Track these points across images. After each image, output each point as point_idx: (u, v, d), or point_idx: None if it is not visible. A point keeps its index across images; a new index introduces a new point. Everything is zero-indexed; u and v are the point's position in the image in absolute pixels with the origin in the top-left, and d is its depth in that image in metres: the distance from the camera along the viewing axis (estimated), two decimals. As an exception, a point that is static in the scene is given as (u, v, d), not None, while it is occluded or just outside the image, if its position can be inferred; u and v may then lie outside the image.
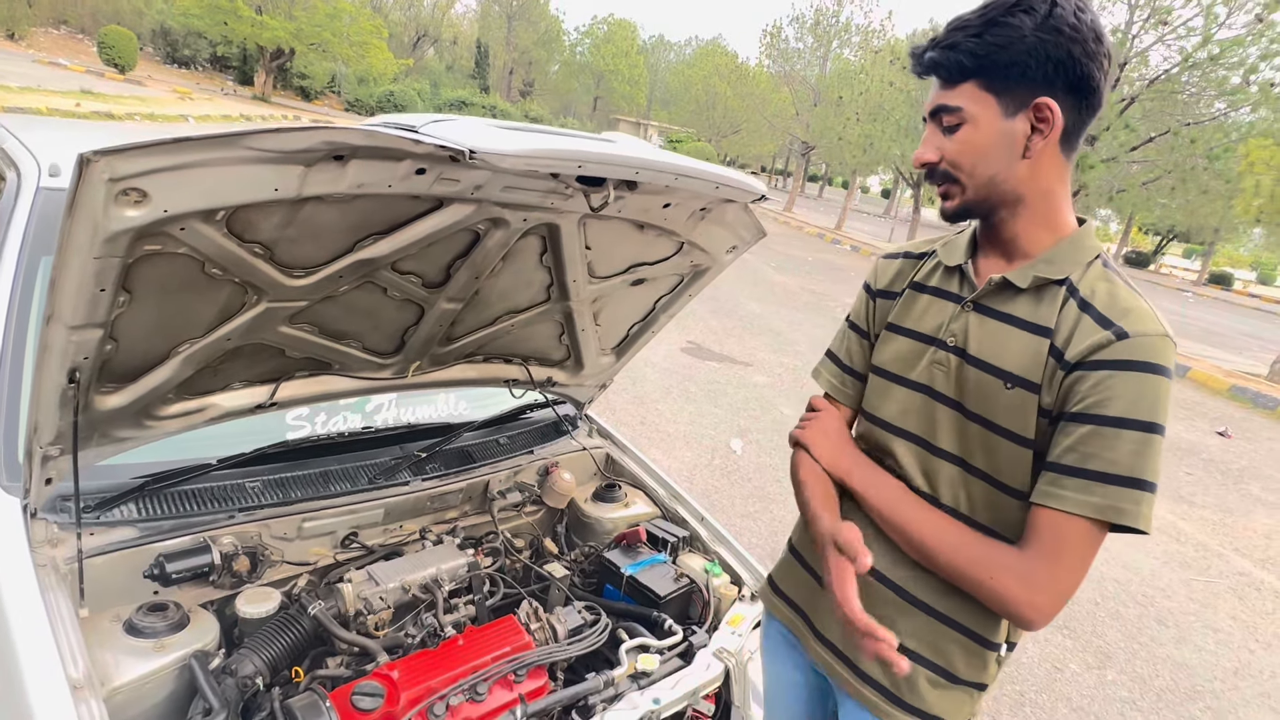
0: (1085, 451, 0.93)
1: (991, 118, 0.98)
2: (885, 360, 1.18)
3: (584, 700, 1.37)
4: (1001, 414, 1.02)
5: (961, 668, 1.09)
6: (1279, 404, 9.34)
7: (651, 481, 2.08)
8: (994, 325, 1.04)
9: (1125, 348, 0.93)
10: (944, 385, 1.08)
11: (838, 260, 16.29)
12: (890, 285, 1.22)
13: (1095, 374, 0.93)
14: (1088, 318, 0.97)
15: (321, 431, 1.81)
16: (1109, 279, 1.00)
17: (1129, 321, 0.94)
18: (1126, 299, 0.98)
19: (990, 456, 1.04)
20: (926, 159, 1.04)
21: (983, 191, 1.02)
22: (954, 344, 1.07)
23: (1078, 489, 0.94)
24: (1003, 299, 1.04)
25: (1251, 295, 34.38)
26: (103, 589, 1.27)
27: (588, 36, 51.78)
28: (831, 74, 27.54)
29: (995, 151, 0.99)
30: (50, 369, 1.08)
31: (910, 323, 1.15)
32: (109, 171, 0.88)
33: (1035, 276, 1.02)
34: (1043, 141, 0.98)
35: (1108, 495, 0.92)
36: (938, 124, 1.03)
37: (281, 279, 1.23)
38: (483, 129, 0.94)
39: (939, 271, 1.15)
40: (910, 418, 1.12)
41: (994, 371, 1.02)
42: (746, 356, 7.06)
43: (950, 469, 1.08)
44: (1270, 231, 12.71)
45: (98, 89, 17.02)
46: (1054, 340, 0.98)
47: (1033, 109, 0.97)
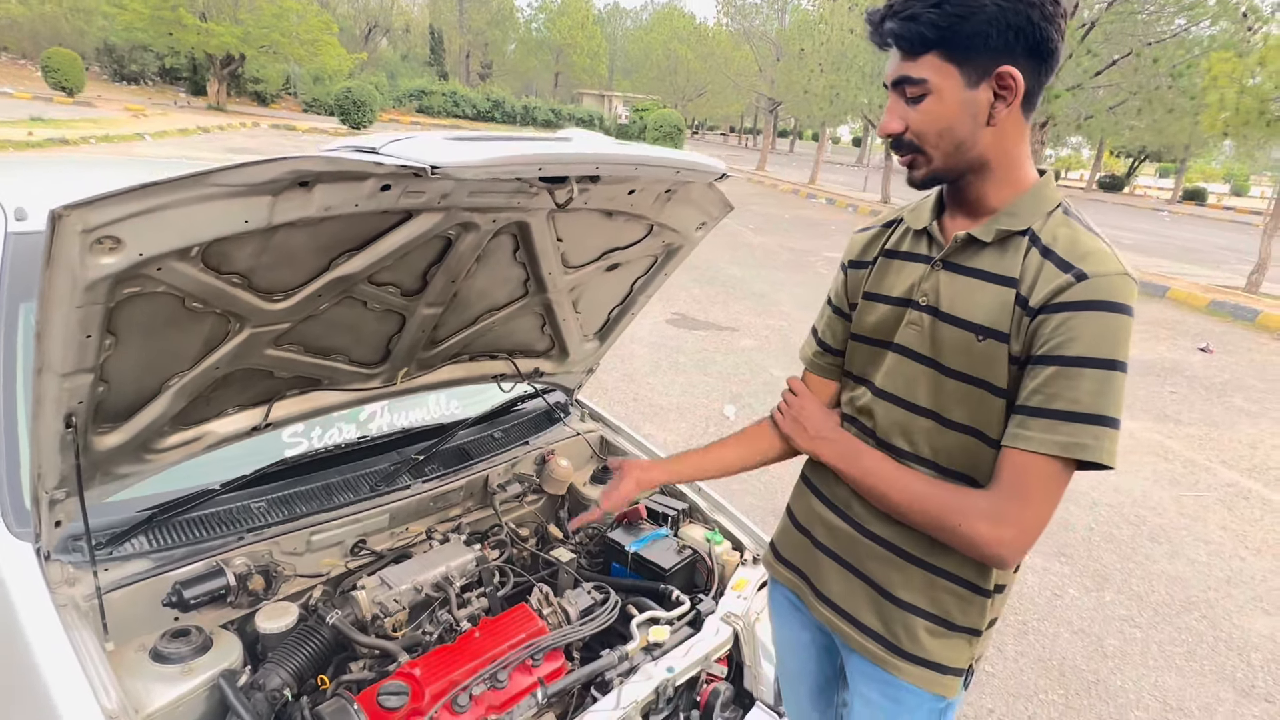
0: (1049, 392, 0.96)
1: (955, 88, 0.99)
2: (866, 328, 1.20)
3: (601, 676, 1.43)
4: (976, 366, 1.04)
5: (958, 615, 1.14)
6: (1258, 314, 9.49)
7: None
8: (963, 281, 1.07)
9: (1085, 289, 0.95)
10: (919, 344, 1.11)
11: (814, 215, 16.28)
12: (862, 255, 1.25)
13: (1057, 316, 0.96)
14: (1049, 263, 0.99)
15: (319, 446, 1.84)
16: (1069, 225, 1.02)
17: (1088, 263, 0.96)
18: (1086, 242, 0.99)
19: (967, 409, 1.07)
20: (891, 129, 1.05)
21: (949, 160, 1.03)
22: (926, 303, 1.10)
23: (1043, 429, 0.97)
24: (969, 254, 1.07)
25: (1226, 208, 34.63)
26: (125, 621, 1.31)
27: (542, 11, 50.86)
28: (791, 26, 27.26)
29: (960, 121, 1.00)
30: (47, 417, 1.11)
31: (885, 289, 1.18)
32: (81, 223, 0.90)
33: (998, 230, 1.04)
34: (1006, 109, 1.00)
35: (1072, 433, 0.96)
36: (900, 94, 1.03)
37: (262, 305, 1.25)
38: (441, 144, 0.97)
39: (908, 236, 1.18)
40: (889, 379, 1.16)
41: (966, 325, 1.05)
42: (732, 322, 7.10)
43: (927, 424, 1.11)
44: (1239, 143, 12.76)
45: (48, 115, 16.66)
46: (1019, 289, 1.01)
47: (995, 78, 0.98)
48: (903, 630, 1.16)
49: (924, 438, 1.12)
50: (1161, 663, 2.90)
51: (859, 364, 1.24)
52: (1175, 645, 3.02)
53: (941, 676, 1.15)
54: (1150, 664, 2.89)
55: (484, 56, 49.80)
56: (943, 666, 1.15)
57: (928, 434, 1.12)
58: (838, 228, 14.47)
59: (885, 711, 1.20)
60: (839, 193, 20.56)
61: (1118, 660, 2.89)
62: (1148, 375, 6.68)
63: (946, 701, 1.18)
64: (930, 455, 1.12)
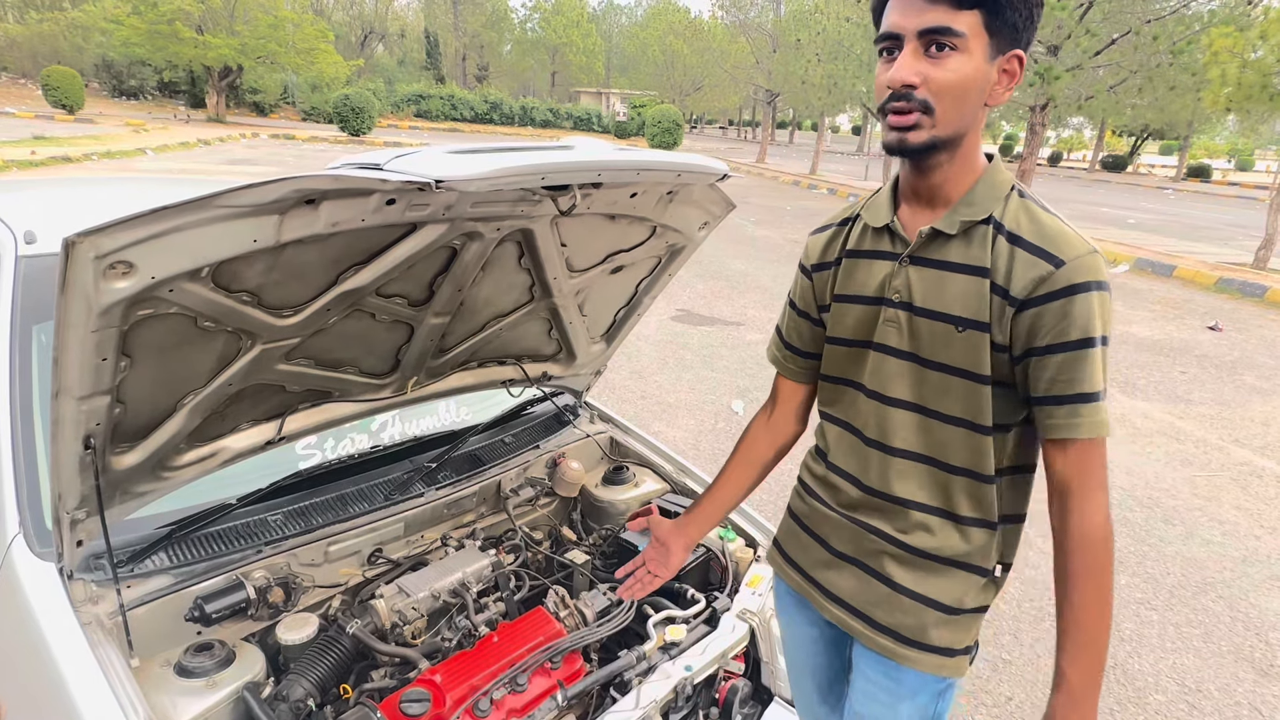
0: (1069, 378, 0.99)
1: (981, 54, 0.97)
2: (845, 330, 1.20)
3: (620, 677, 1.44)
4: (958, 357, 1.06)
5: (970, 599, 1.16)
6: (1266, 290, 9.43)
7: (657, 458, 2.14)
8: (933, 274, 1.08)
9: (1067, 274, 0.98)
10: (897, 340, 1.12)
11: (816, 205, 16.24)
12: (823, 257, 1.25)
13: (1050, 305, 0.98)
14: (1021, 251, 1.01)
15: (332, 457, 1.86)
16: (1028, 208, 1.04)
17: (1061, 249, 0.99)
18: (1049, 225, 1.02)
19: (954, 399, 1.09)
20: (908, 80, 0.98)
21: (950, 128, 1.00)
22: (900, 299, 1.11)
23: (1068, 415, 1.00)
24: (936, 247, 1.08)
25: (1231, 184, 34.33)
26: (148, 637, 1.33)
27: (536, 11, 50.81)
28: (787, 17, 27.11)
29: (975, 90, 0.99)
30: (66, 439, 1.13)
31: (855, 289, 1.18)
32: (94, 250, 0.91)
33: (962, 221, 1.05)
34: (1004, 92, 1.00)
35: (1093, 413, 1.00)
36: (926, 44, 0.97)
37: (272, 321, 1.27)
38: (445, 158, 0.98)
39: (868, 234, 1.17)
40: (876, 378, 1.16)
41: (943, 318, 1.06)
42: (737, 316, 7.10)
43: (918, 419, 1.13)
44: (1242, 118, 12.67)
45: (50, 133, 16.77)
46: (993, 279, 1.02)
47: (1008, 59, 0.99)
48: (914, 622, 1.16)
49: (917, 433, 1.13)
50: (1179, 644, 2.90)
51: (840, 366, 1.23)
52: (1192, 627, 3.02)
53: (950, 660, 1.17)
54: (1168, 646, 2.88)
55: (480, 59, 49.82)
56: (951, 650, 1.17)
57: (920, 429, 1.13)
58: (840, 218, 14.41)
59: (887, 692, 1.21)
60: (840, 182, 20.50)
61: (1135, 643, 2.89)
62: (1158, 355, 6.64)
63: (949, 681, 1.20)
64: (926, 450, 1.13)
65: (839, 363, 1.23)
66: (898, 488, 1.16)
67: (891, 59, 1.00)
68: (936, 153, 1.03)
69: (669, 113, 28.18)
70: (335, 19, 40.69)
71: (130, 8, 24.16)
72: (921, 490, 1.14)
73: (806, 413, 1.40)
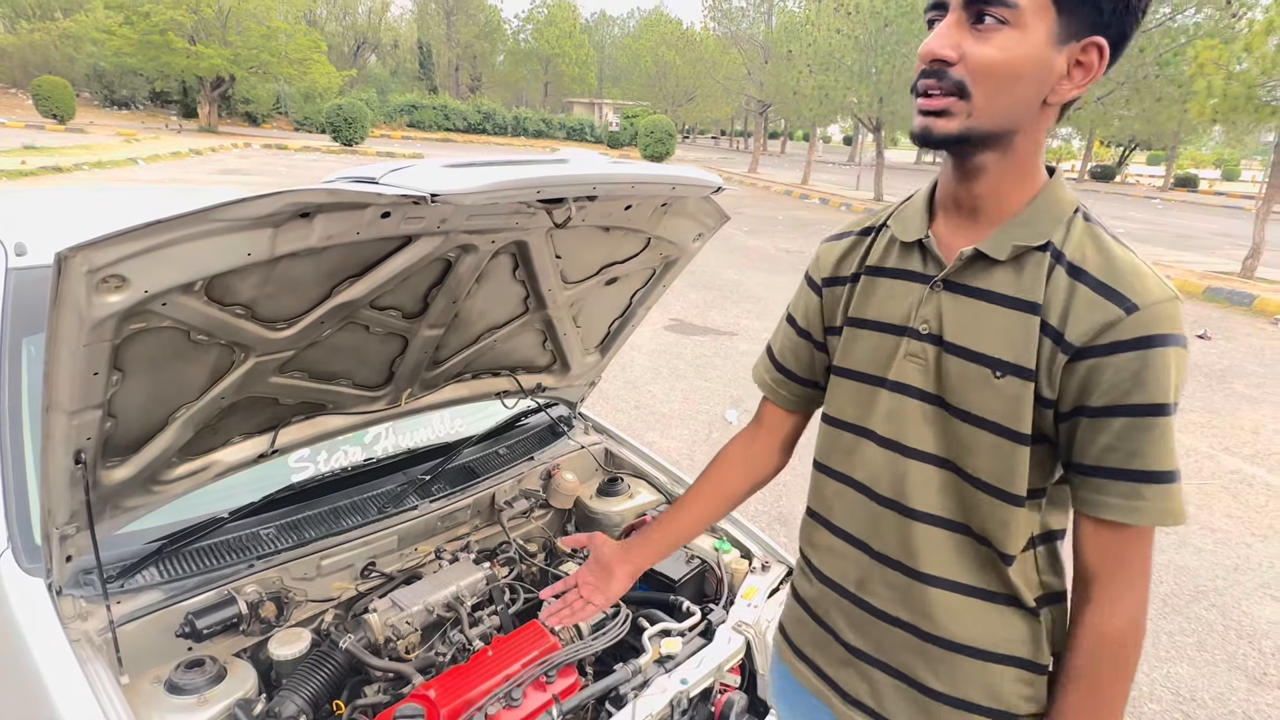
0: (1127, 449, 0.81)
1: (1043, 35, 0.79)
2: (855, 361, 1.01)
3: (615, 691, 1.43)
4: (992, 407, 0.87)
5: (1021, 702, 0.93)
6: (1254, 299, 9.52)
7: (651, 469, 2.13)
8: (971, 305, 0.89)
9: (1139, 323, 0.79)
10: (921, 380, 0.93)
11: (808, 215, 16.31)
12: (837, 270, 1.06)
13: (1114, 359, 0.80)
14: (1083, 288, 0.82)
15: (325, 470, 1.85)
16: (1095, 236, 0.86)
17: (1135, 290, 0.80)
18: (1122, 260, 0.83)
19: (982, 458, 0.89)
20: (943, 54, 0.81)
21: (992, 122, 0.83)
22: (928, 331, 0.92)
23: (1126, 494, 0.82)
24: (977, 273, 0.89)
25: (1218, 194, 34.72)
26: (138, 653, 1.32)
27: (529, 22, 51.06)
28: (778, 28, 27.39)
29: (1029, 78, 0.80)
30: (56, 454, 1.12)
31: (873, 313, 0.99)
32: (87, 264, 0.90)
33: (1014, 245, 0.86)
34: (1071, 88, 0.82)
35: (1158, 496, 0.82)
36: (970, 15, 0.80)
37: (266, 334, 1.26)
38: (440, 172, 0.98)
39: (895, 248, 0.98)
40: (891, 424, 0.96)
41: (979, 359, 0.87)
42: (730, 326, 7.11)
43: (940, 475, 0.93)
44: (1228, 129, 12.82)
45: (40, 143, 16.69)
46: (1045, 317, 0.84)
47: (1082, 47, 0.80)
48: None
49: (942, 494, 0.93)
50: (1173, 653, 2.91)
51: (846, 406, 1.03)
52: (1185, 635, 3.03)
53: None
54: (1161, 655, 2.89)
55: (473, 69, 49.98)
56: None
57: (947, 489, 0.93)
58: (831, 227, 14.36)
59: None
60: (832, 192, 20.61)
61: (1129, 653, 2.89)
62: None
63: None
64: (955, 515, 0.93)
65: (845, 402, 1.03)
66: (920, 560, 0.94)
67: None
68: (977, 151, 0.86)
69: (661, 123, 28.31)
70: (328, 29, 40.77)
71: (122, 18, 24.16)
72: (951, 564, 0.93)
73: (792, 446, 1.23)
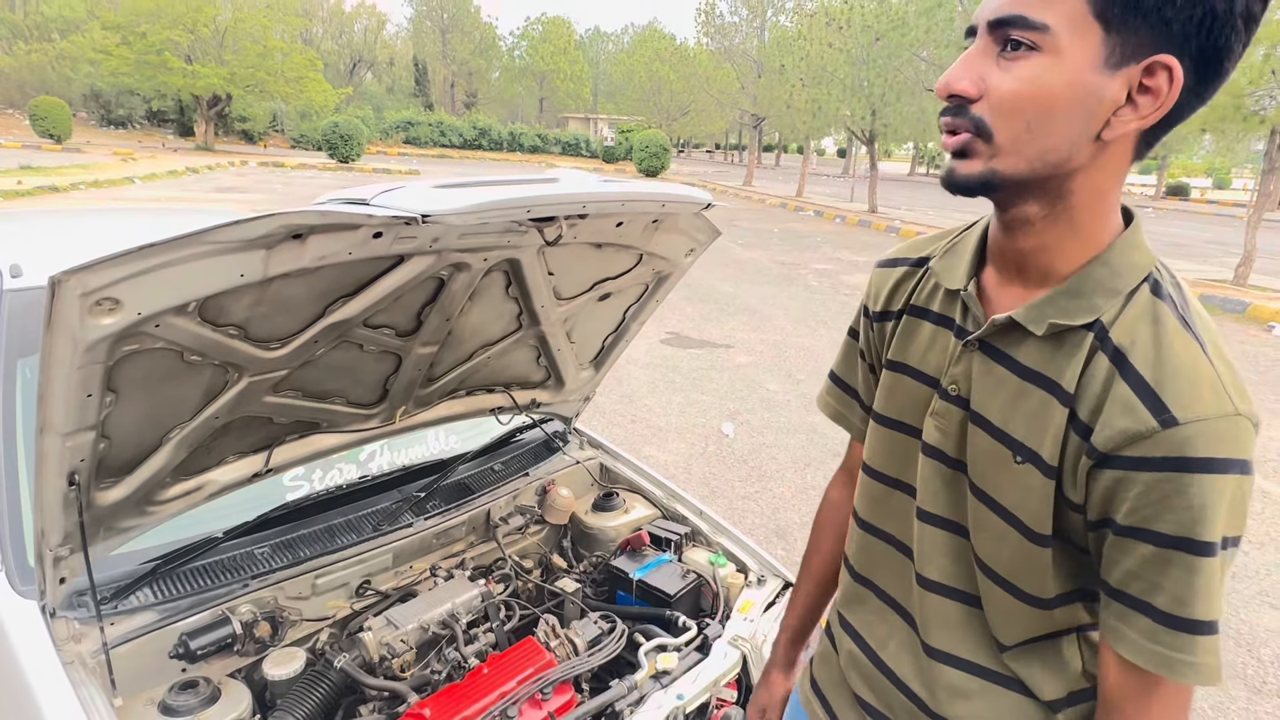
0: (1154, 583, 0.69)
1: (1084, 58, 0.66)
2: (891, 409, 0.92)
3: (611, 707, 1.43)
4: (1010, 495, 0.77)
5: None
6: (1247, 306, 9.56)
7: (647, 484, 2.13)
8: (1001, 375, 0.78)
9: (1174, 440, 0.66)
10: (942, 443, 0.84)
11: (803, 228, 16.39)
12: (887, 304, 0.94)
13: (1140, 475, 0.67)
14: (1123, 384, 0.69)
15: (320, 488, 1.85)
16: (1157, 318, 0.71)
17: (1180, 398, 0.66)
18: (1179, 355, 0.68)
19: (995, 549, 0.80)
20: (959, 89, 0.70)
21: (1022, 165, 0.70)
22: (955, 393, 0.82)
23: (1144, 633, 0.71)
24: (1013, 340, 0.77)
25: (1210, 202, 34.98)
26: (132, 675, 1.31)
27: (524, 39, 51.50)
28: (770, 43, 27.66)
29: (1066, 112, 0.67)
30: (49, 476, 1.12)
31: (912, 359, 0.89)
32: (80, 287, 0.91)
33: (1052, 323, 0.73)
34: (1135, 120, 0.67)
35: (1176, 646, 0.69)
36: (997, 41, 0.69)
37: (259, 354, 1.27)
38: (430, 192, 0.99)
39: (940, 291, 0.87)
40: (932, 494, 0.87)
41: (1000, 436, 0.77)
42: (726, 338, 7.13)
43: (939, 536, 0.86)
44: (1218, 138, 12.93)
45: (37, 163, 16.75)
46: (1075, 408, 0.72)
47: (1144, 69, 0.65)
48: None
49: (953, 562, 0.85)
50: (1172, 663, 2.90)
51: (885, 458, 0.93)
52: (1184, 644, 3.02)
53: None
54: (1160, 664, 2.88)
55: (469, 85, 50.33)
56: None
57: (957, 558, 0.85)
58: (825, 239, 14.57)
59: None
60: (826, 204, 20.72)
61: (1128, 662, 2.88)
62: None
63: None
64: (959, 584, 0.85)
65: (885, 453, 0.93)
66: (930, 631, 0.88)
67: None
68: (1015, 200, 0.73)
69: (656, 137, 28.50)
70: (324, 48, 41.07)
71: (119, 38, 24.34)
72: (960, 640, 0.86)
73: None
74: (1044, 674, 0.83)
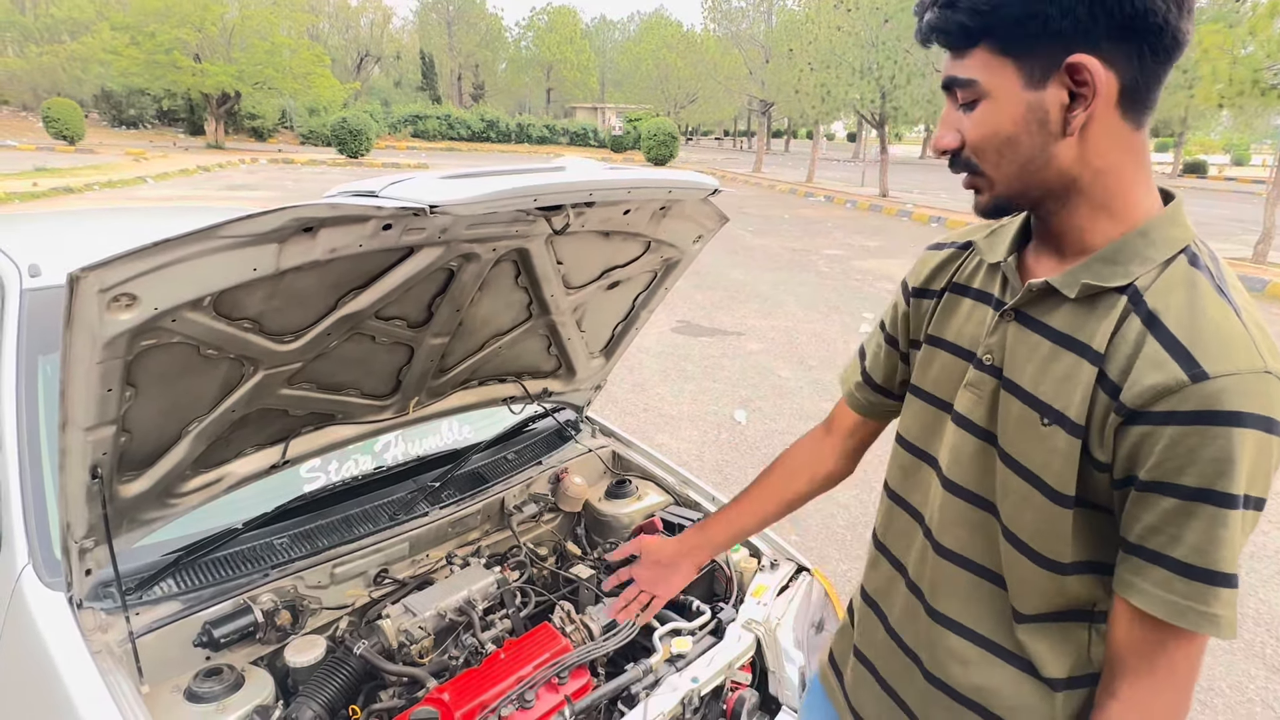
0: (1174, 535, 0.72)
1: (1012, 89, 0.76)
2: (927, 382, 0.97)
3: (627, 690, 1.45)
4: (1035, 458, 0.80)
5: None
6: (1266, 284, 9.43)
7: (659, 470, 2.15)
8: (1034, 341, 0.82)
9: (1204, 394, 0.68)
10: (975, 413, 0.87)
11: (813, 213, 16.29)
12: (928, 283, 1.00)
13: (1167, 429, 0.70)
14: (1153, 342, 0.72)
15: (336, 479, 1.87)
16: (1192, 284, 0.74)
17: (1210, 354, 0.69)
18: (1212, 314, 0.72)
19: (1022, 513, 0.83)
20: (945, 144, 0.83)
21: (1014, 184, 0.80)
22: (990, 362, 0.86)
23: (1159, 583, 0.73)
24: (1047, 307, 0.82)
25: (1228, 179, 34.44)
26: (158, 663, 1.34)
27: (529, 29, 51.33)
28: (778, 27, 27.40)
29: (1023, 132, 0.77)
30: (73, 470, 1.14)
31: (950, 334, 0.94)
32: (98, 284, 0.93)
33: (1085, 283, 0.78)
34: (1083, 113, 0.74)
35: (1190, 595, 0.71)
36: (954, 99, 0.81)
37: (273, 347, 1.29)
38: (438, 183, 1.00)
39: (982, 269, 0.93)
40: (955, 462, 0.91)
41: (1029, 400, 0.81)
42: (737, 326, 7.12)
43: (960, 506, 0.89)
44: (1236, 114, 12.71)
45: (51, 164, 16.94)
46: (1105, 368, 0.75)
47: (1066, 72, 0.73)
48: None
49: (971, 532, 0.89)
50: (1189, 643, 2.89)
51: (913, 427, 0.99)
52: (1202, 624, 3.01)
53: None
54: (1178, 645, 2.87)
55: (476, 78, 50.26)
56: None
57: (976, 529, 0.88)
58: (836, 224, 14.49)
59: None
60: (837, 189, 20.58)
61: (1145, 643, 2.88)
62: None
63: None
64: (974, 556, 0.88)
65: (913, 422, 0.99)
66: (939, 600, 0.92)
67: None
68: (1034, 206, 0.83)
69: (664, 125, 28.35)
70: (331, 43, 41.14)
71: (128, 38, 24.49)
72: (965, 609, 0.90)
73: (858, 456, 1.21)
74: (1051, 652, 0.84)
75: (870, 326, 7.14)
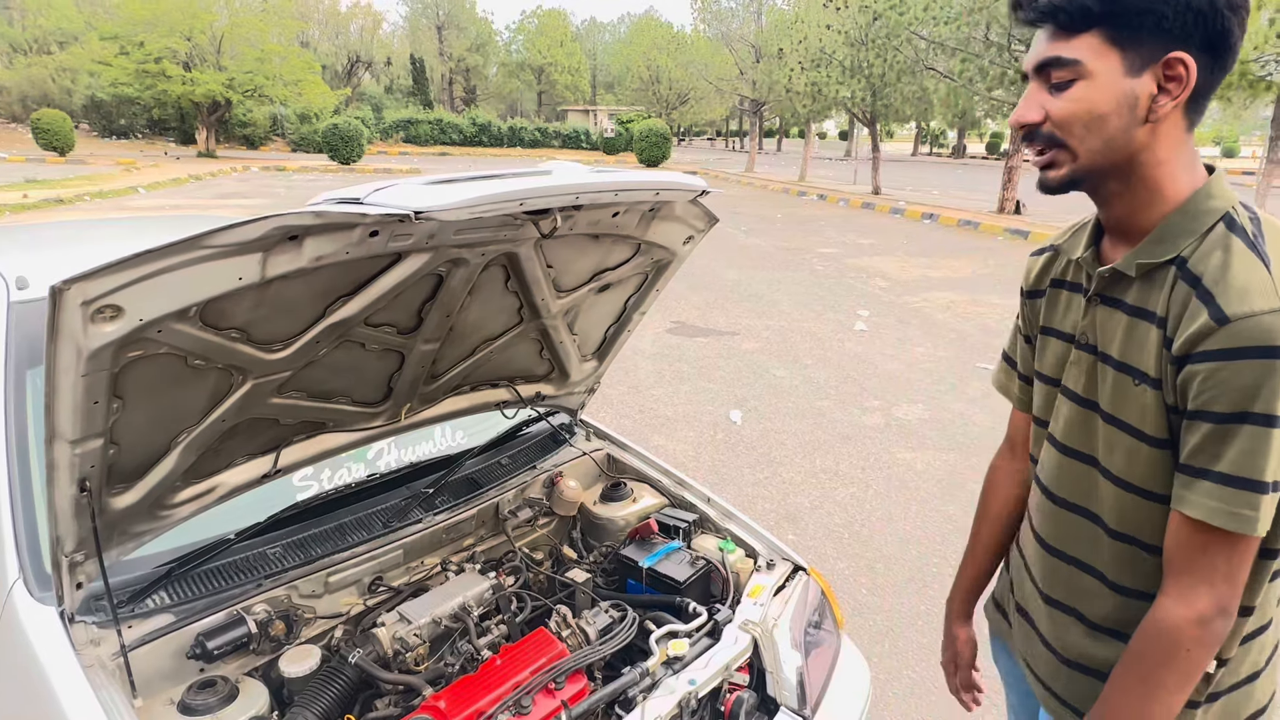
0: (1211, 452, 0.87)
1: (1113, 74, 0.88)
2: (1046, 366, 1.14)
3: (624, 694, 1.44)
4: (1131, 412, 0.96)
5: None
6: (1258, 275, 9.47)
7: (654, 473, 2.14)
8: (1116, 317, 0.99)
9: (1227, 334, 0.83)
10: (1079, 385, 1.05)
11: (806, 212, 16.32)
12: (1036, 284, 1.18)
13: (1201, 367, 0.86)
14: (1195, 299, 0.88)
15: (329, 487, 1.87)
16: (1228, 245, 0.89)
17: (1232, 300, 0.84)
18: (1239, 268, 0.86)
19: (1125, 459, 0.99)
20: (1029, 119, 0.94)
21: (1094, 159, 0.92)
22: (1086, 341, 1.04)
23: (1204, 493, 0.88)
24: (1120, 287, 0.99)
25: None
26: (151, 676, 1.33)
27: (520, 33, 51.34)
28: (768, 27, 27.46)
29: (1114, 114, 0.89)
30: (61, 483, 1.14)
31: (1056, 323, 1.12)
32: (81, 296, 0.92)
33: (1140, 263, 0.94)
34: (1170, 104, 0.88)
35: (1225, 499, 0.86)
36: (1044, 80, 0.93)
37: (262, 356, 1.28)
38: (422, 189, 0.99)
39: (1072, 265, 1.10)
40: (1062, 425, 1.09)
41: (1121, 367, 0.98)
42: (732, 326, 7.12)
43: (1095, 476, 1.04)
44: (1224, 106, 12.77)
45: (42, 175, 16.86)
46: (1165, 329, 0.91)
47: (1163, 66, 0.87)
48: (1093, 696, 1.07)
49: (1092, 492, 1.05)
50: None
51: (1040, 406, 1.17)
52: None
53: None
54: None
55: (467, 82, 50.25)
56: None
57: (1095, 488, 1.05)
58: (829, 223, 14.51)
59: None
60: (829, 188, 20.62)
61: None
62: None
63: None
64: (1099, 511, 1.05)
65: (1041, 403, 1.17)
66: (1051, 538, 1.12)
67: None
68: (1100, 184, 0.96)
69: (656, 127, 28.37)
70: (321, 50, 41.07)
71: (117, 48, 24.40)
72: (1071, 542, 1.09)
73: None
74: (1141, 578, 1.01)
75: (865, 325, 7.16)
